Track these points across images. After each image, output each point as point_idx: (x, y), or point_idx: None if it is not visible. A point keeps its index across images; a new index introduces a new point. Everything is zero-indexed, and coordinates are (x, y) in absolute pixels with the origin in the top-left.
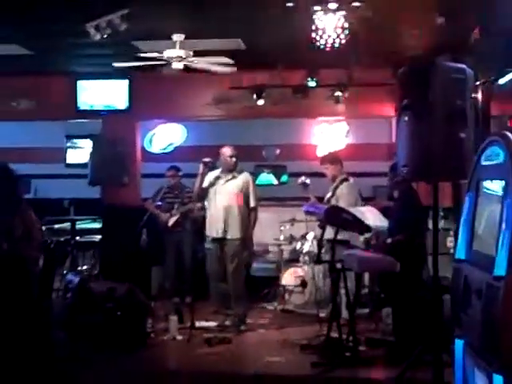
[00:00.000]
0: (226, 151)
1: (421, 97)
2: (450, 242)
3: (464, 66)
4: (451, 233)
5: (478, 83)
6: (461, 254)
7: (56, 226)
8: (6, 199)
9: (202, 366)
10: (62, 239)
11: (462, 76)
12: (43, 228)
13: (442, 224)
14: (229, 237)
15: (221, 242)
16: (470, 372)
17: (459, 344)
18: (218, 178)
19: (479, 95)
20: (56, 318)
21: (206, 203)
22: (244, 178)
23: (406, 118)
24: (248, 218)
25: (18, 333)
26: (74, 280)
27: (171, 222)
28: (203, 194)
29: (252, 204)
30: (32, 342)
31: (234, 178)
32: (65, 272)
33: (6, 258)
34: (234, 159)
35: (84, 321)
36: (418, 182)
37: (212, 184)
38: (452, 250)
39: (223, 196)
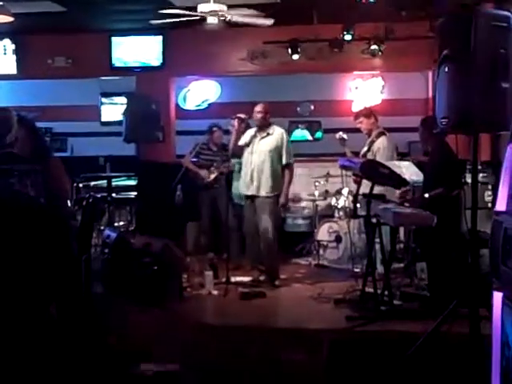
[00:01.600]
0: (256, 107)
1: (462, 46)
2: (488, 196)
3: (508, 13)
4: (489, 187)
5: None
6: (501, 205)
7: (92, 183)
8: (31, 150)
9: (237, 320)
10: (99, 196)
11: (505, 24)
12: (80, 185)
13: (479, 178)
14: (261, 194)
15: (253, 198)
16: (508, 325)
17: (498, 296)
18: (253, 136)
19: None
20: (94, 272)
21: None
22: (278, 135)
23: (447, 69)
24: (281, 175)
25: (60, 287)
26: (111, 235)
27: (210, 179)
28: (238, 151)
29: (285, 161)
30: (73, 295)
31: (268, 135)
32: (102, 228)
33: (45, 212)
34: (261, 115)
35: (121, 275)
36: (457, 135)
37: (247, 144)
38: (490, 205)
39: (258, 153)
